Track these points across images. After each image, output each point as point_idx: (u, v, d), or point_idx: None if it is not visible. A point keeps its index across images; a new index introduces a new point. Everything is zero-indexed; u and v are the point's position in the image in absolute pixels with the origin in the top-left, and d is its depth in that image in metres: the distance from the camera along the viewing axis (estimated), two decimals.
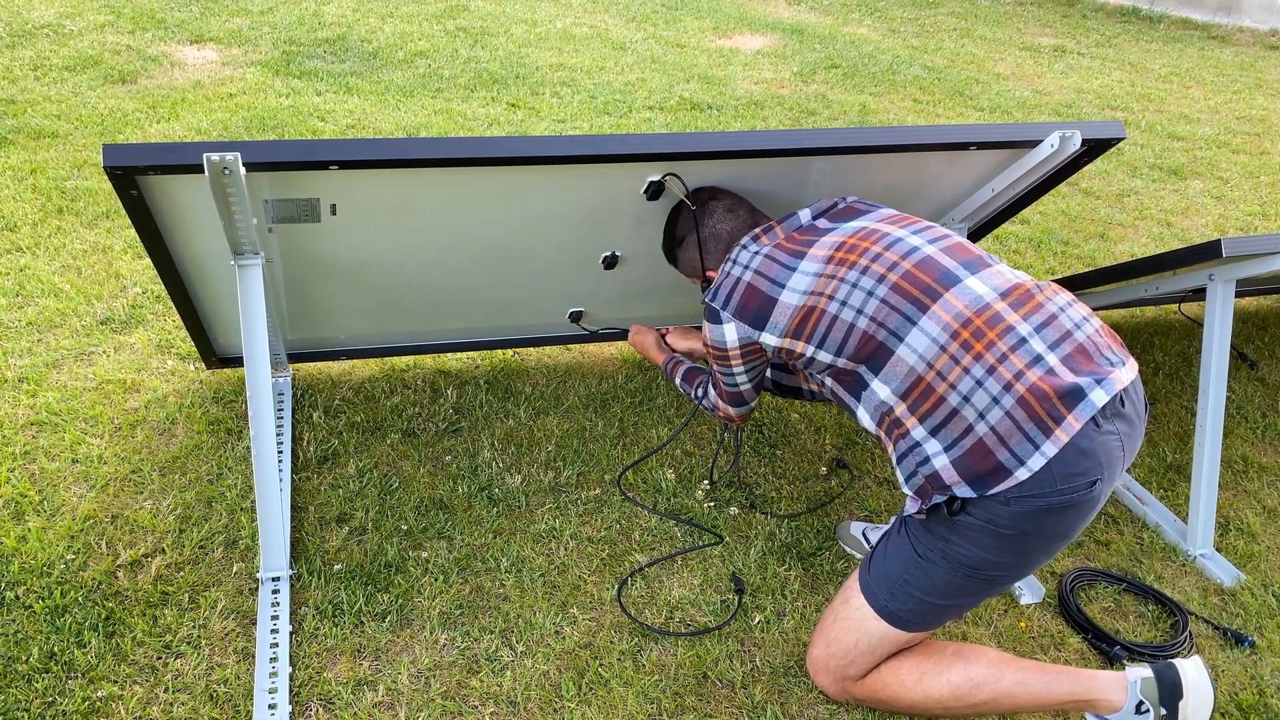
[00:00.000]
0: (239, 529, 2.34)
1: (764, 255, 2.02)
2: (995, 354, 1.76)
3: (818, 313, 1.92)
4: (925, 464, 1.81)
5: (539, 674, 2.06)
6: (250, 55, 5.62)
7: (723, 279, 2.07)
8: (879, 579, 1.92)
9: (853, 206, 2.09)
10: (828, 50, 6.96)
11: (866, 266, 1.89)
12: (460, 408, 2.84)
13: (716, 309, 2.06)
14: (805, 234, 2.04)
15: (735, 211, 2.21)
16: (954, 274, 1.85)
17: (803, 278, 1.95)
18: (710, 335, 2.11)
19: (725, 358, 2.11)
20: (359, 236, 2.25)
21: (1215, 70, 7.58)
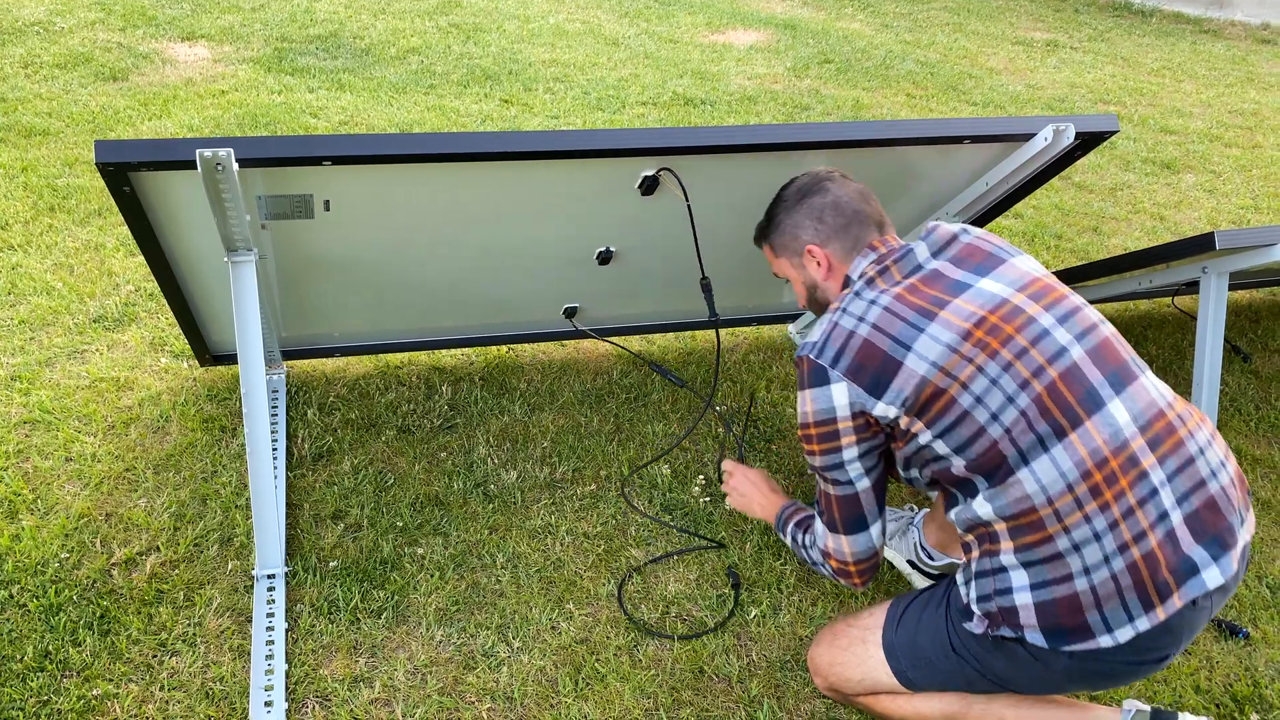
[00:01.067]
0: (234, 526, 2.34)
1: (883, 307, 1.73)
2: (1122, 506, 1.59)
3: (946, 398, 1.67)
4: (1005, 594, 1.66)
5: (535, 670, 2.06)
6: (242, 52, 5.61)
7: (829, 330, 1.76)
8: (906, 649, 1.85)
9: (977, 247, 1.80)
10: (821, 45, 6.95)
11: (1009, 363, 1.65)
12: (455, 404, 2.83)
13: (824, 366, 1.73)
14: (930, 284, 1.74)
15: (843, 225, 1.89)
16: (1099, 394, 1.64)
17: (933, 345, 1.67)
18: (813, 404, 1.76)
19: (833, 435, 1.75)
20: (353, 232, 2.24)
21: (1207, 64, 7.60)
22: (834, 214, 1.89)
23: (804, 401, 1.78)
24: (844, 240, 1.88)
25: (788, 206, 1.94)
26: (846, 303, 1.78)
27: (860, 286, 1.80)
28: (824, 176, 1.93)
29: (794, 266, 1.98)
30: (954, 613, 1.78)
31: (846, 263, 1.89)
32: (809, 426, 1.79)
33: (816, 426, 1.77)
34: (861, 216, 1.88)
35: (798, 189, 1.93)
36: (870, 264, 1.85)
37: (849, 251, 1.88)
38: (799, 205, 1.92)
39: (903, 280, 1.77)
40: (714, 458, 2.72)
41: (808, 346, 1.78)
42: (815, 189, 1.91)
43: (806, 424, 1.79)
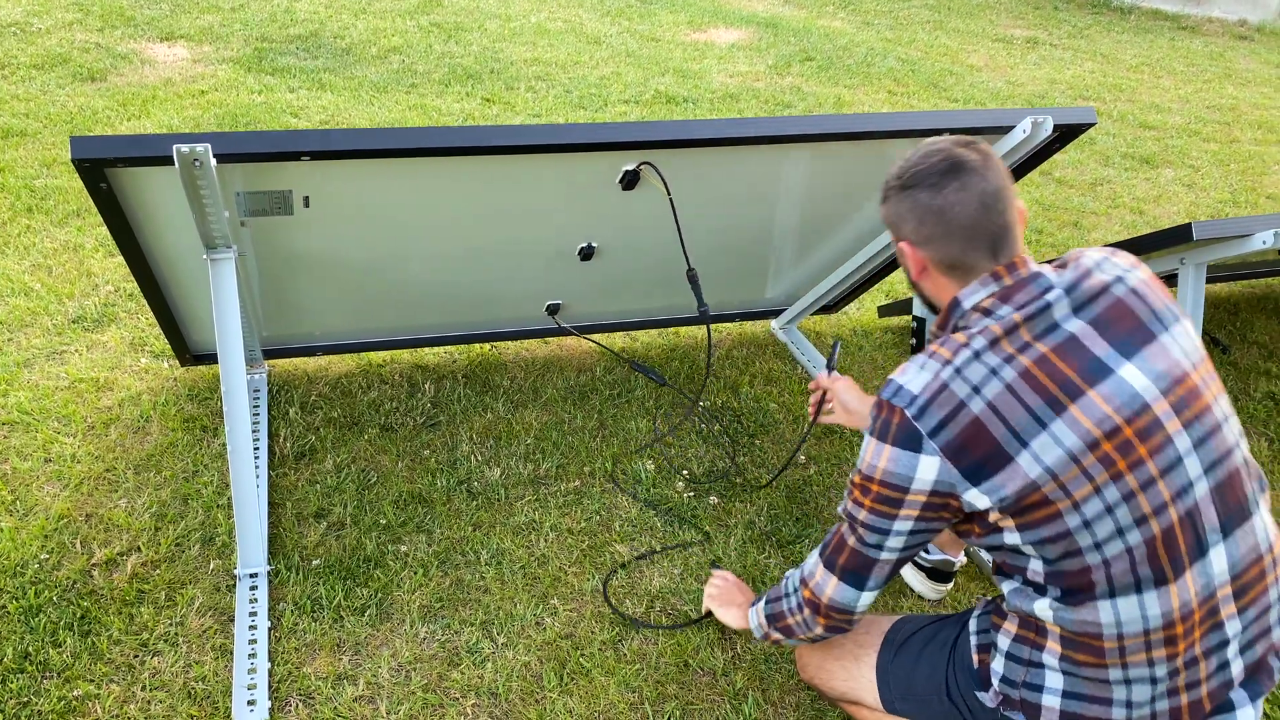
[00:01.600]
0: (215, 526, 2.32)
1: (1005, 384, 1.46)
2: (1188, 656, 1.50)
3: (1051, 510, 1.46)
4: (1035, 690, 1.57)
5: (520, 665, 2.06)
6: (222, 52, 5.58)
7: (936, 390, 1.48)
8: (900, 680, 1.78)
9: (1128, 308, 1.52)
10: (802, 43, 6.97)
11: (1132, 493, 1.45)
12: (438, 402, 2.83)
13: (919, 432, 1.48)
14: (1066, 357, 1.47)
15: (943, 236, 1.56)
16: (1207, 541, 1.49)
17: (1053, 447, 1.44)
18: (889, 464, 1.51)
19: (895, 503, 1.53)
20: (333, 229, 2.23)
21: (1185, 60, 7.65)
22: (937, 223, 1.55)
23: (877, 454, 1.53)
24: (944, 252, 1.57)
25: (897, 189, 1.60)
26: (962, 360, 1.49)
27: (981, 344, 1.49)
28: (950, 166, 1.54)
29: (895, 246, 1.68)
30: (960, 663, 1.72)
31: (950, 278, 1.59)
32: (872, 481, 1.55)
33: (881, 486, 1.54)
34: (974, 233, 1.54)
35: (914, 173, 1.58)
36: (990, 297, 1.54)
37: (951, 268, 1.58)
38: (906, 195, 1.58)
39: (1033, 343, 1.48)
40: (698, 455, 2.72)
41: (905, 395, 1.50)
42: (929, 181, 1.55)
43: (870, 477, 1.55)
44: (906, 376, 1.52)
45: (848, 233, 2.81)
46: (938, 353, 1.52)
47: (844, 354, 3.30)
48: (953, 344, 1.52)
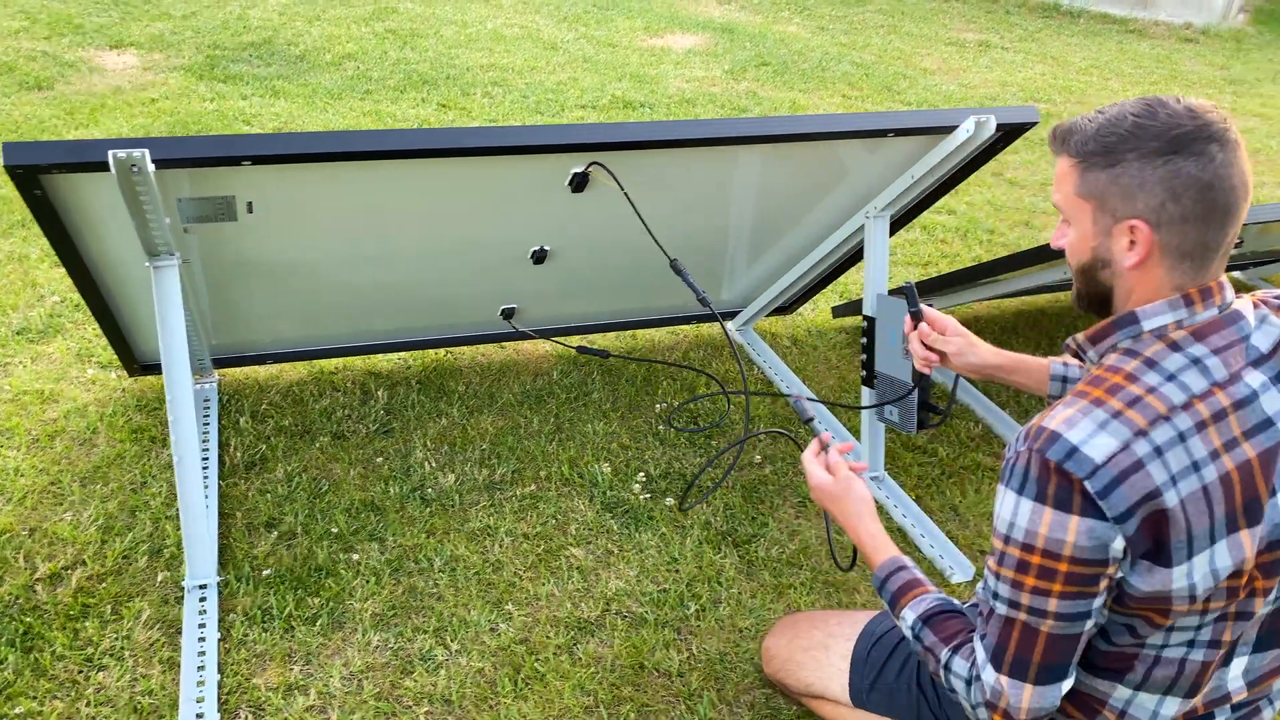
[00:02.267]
0: (164, 538, 2.29)
1: (1204, 483, 1.24)
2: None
3: (1155, 625, 1.33)
4: None
5: (474, 671, 2.04)
6: (173, 60, 5.51)
7: (1123, 462, 1.22)
8: (872, 672, 1.76)
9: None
10: (758, 48, 7.01)
11: (1224, 618, 1.34)
12: (391, 409, 2.80)
13: (1104, 513, 1.23)
14: (1266, 466, 1.28)
15: (1200, 218, 1.27)
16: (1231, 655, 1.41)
17: (1205, 567, 1.27)
18: (1077, 535, 1.24)
19: (1093, 578, 1.27)
20: (279, 235, 2.21)
21: (1133, 63, 7.79)
22: (1198, 199, 1.25)
23: (1055, 525, 1.25)
24: (1191, 237, 1.28)
25: (1148, 151, 1.26)
26: (1163, 439, 1.24)
27: (1186, 425, 1.25)
28: (1218, 131, 1.25)
29: (1094, 221, 1.34)
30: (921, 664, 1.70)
31: (1174, 273, 1.31)
32: (1058, 559, 1.26)
33: (1069, 563, 1.26)
34: (1229, 218, 1.28)
35: (1177, 134, 1.25)
36: (1178, 327, 1.31)
37: (1184, 257, 1.29)
38: (1162, 160, 1.25)
39: (1241, 443, 1.27)
40: (656, 455, 2.72)
41: (1084, 463, 1.23)
42: (1198, 147, 1.25)
43: (1056, 554, 1.26)
44: (1080, 434, 1.24)
45: (801, 234, 2.82)
46: (1125, 414, 1.25)
47: (799, 354, 3.32)
48: (1146, 408, 1.25)
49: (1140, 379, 1.28)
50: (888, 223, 2.62)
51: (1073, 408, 1.27)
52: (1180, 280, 1.31)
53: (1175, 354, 1.29)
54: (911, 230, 4.27)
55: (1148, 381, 1.27)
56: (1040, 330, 3.58)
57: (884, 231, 2.61)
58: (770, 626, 2.08)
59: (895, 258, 4.01)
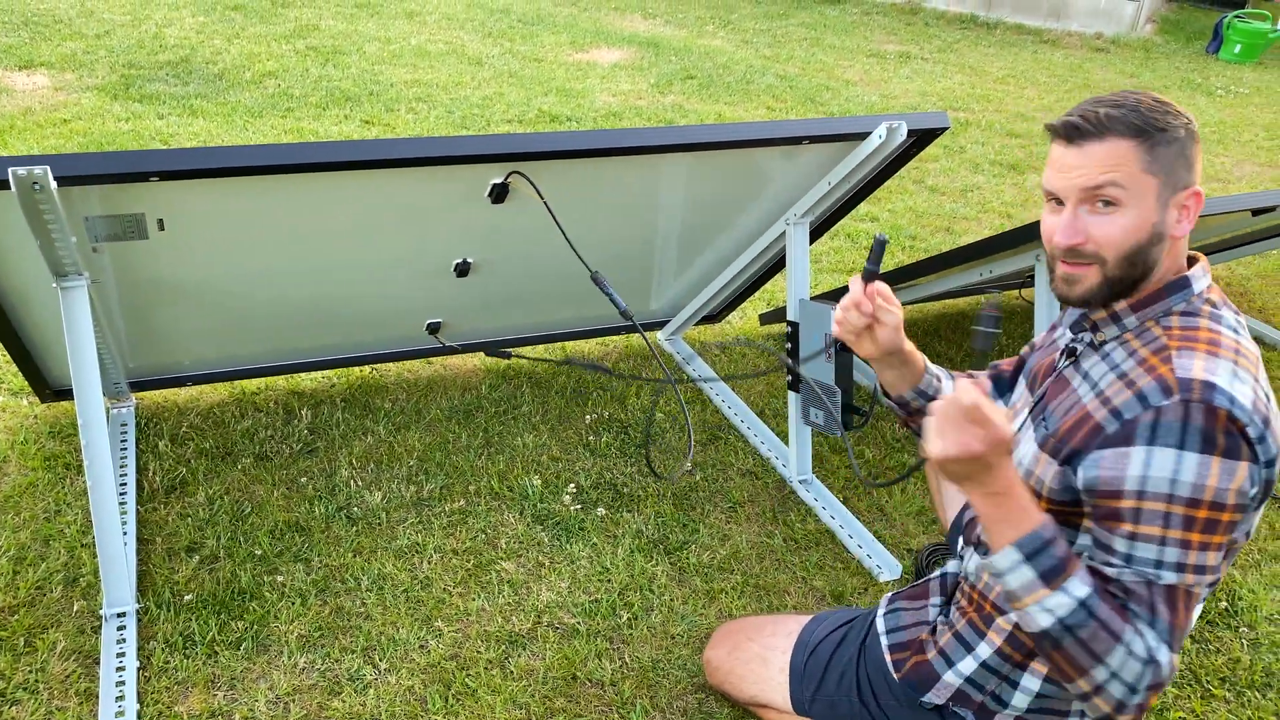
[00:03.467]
0: (80, 566, 2.22)
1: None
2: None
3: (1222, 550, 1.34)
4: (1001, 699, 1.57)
5: (404, 690, 2.01)
6: (86, 80, 5.39)
7: (1262, 409, 1.29)
8: (812, 684, 1.78)
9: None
10: (683, 62, 7.07)
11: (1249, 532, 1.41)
12: (315, 428, 2.76)
13: (1251, 439, 1.26)
14: None
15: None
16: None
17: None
18: (1243, 481, 1.26)
19: (1235, 526, 1.30)
20: (193, 253, 2.17)
21: (1048, 72, 8.01)
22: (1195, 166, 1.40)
23: (1224, 473, 1.25)
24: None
25: (1187, 131, 1.36)
26: (1265, 382, 1.33)
27: (1263, 376, 1.35)
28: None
29: (1156, 199, 1.36)
30: (870, 661, 1.72)
31: (1184, 241, 1.42)
32: (1221, 511, 1.27)
33: (1230, 512, 1.27)
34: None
35: (1189, 118, 1.39)
36: (1211, 290, 1.43)
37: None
38: (1190, 136, 1.37)
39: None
40: (586, 466, 2.72)
41: (1243, 410, 1.26)
42: (1194, 127, 1.40)
43: (1221, 504, 1.26)
44: (1224, 379, 1.28)
45: (726, 242, 2.85)
46: (1239, 364, 1.31)
47: (728, 362, 3.35)
48: (1249, 358, 1.34)
49: (1223, 333, 1.35)
50: (808, 229, 2.66)
51: (1196, 359, 1.30)
52: (1187, 249, 1.43)
53: (1221, 311, 1.40)
54: (835, 238, 4.34)
55: (1229, 335, 1.35)
56: (962, 332, 3.66)
57: (804, 238, 2.65)
58: (710, 638, 2.07)
59: (820, 265, 4.06)
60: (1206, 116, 7.07)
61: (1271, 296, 4.18)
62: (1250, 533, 1.35)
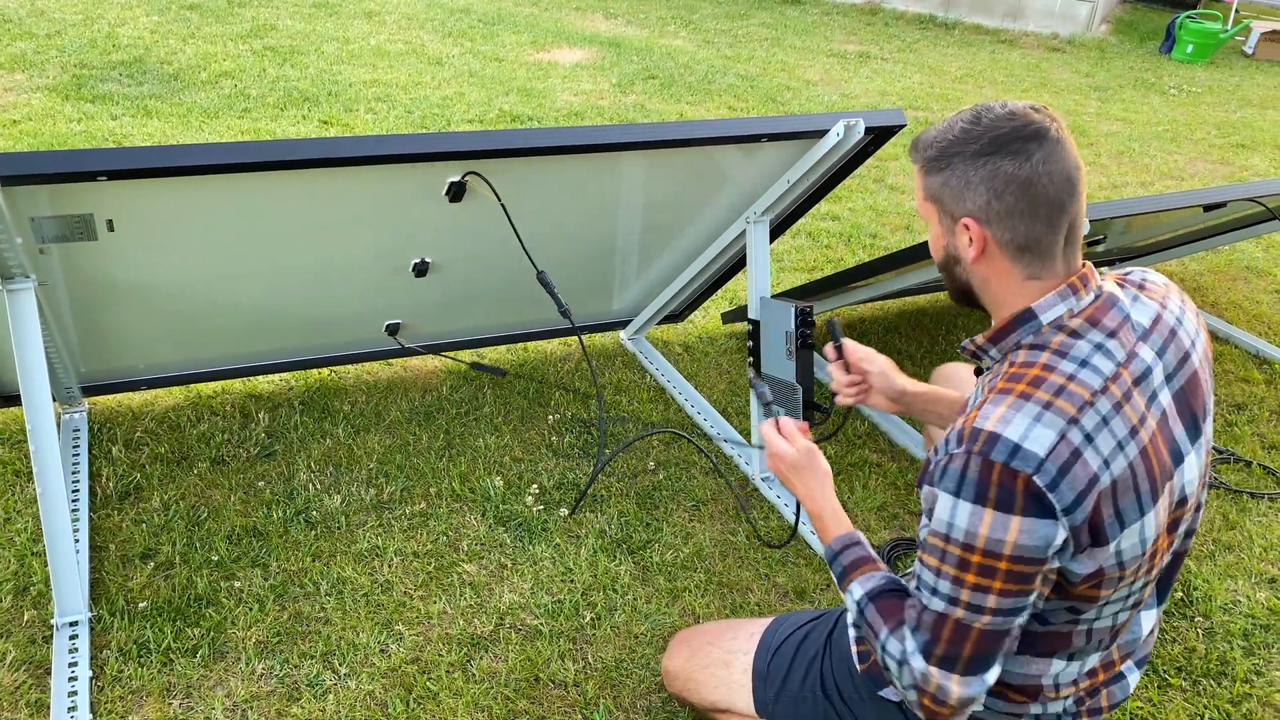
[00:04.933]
0: (30, 575, 2.18)
1: (1129, 460, 1.30)
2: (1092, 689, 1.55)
3: (1093, 597, 1.39)
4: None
5: (364, 694, 1.99)
6: (36, 80, 5.29)
7: (1064, 453, 1.27)
8: (775, 685, 1.76)
9: (1199, 383, 1.44)
10: (645, 62, 7.07)
11: (1145, 585, 1.45)
12: (273, 431, 2.72)
13: (1054, 507, 1.26)
14: (1163, 436, 1.36)
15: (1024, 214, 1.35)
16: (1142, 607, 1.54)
17: (1134, 537, 1.34)
18: (1019, 535, 1.27)
19: (1030, 576, 1.30)
20: (145, 254, 2.13)
21: (1005, 71, 8.10)
22: (1020, 195, 1.33)
23: (1001, 527, 1.27)
24: (1021, 231, 1.35)
25: (970, 154, 1.35)
26: (1092, 425, 1.28)
27: (1107, 408, 1.30)
28: (1035, 132, 1.33)
29: (940, 221, 1.44)
30: (835, 655, 1.71)
31: (1017, 264, 1.38)
32: (999, 559, 1.29)
33: (1013, 563, 1.28)
34: (1058, 212, 1.34)
35: (994, 135, 1.34)
36: (1072, 315, 1.37)
37: (1022, 250, 1.37)
38: (983, 161, 1.34)
39: (1147, 417, 1.34)
40: (549, 467, 2.71)
41: (1029, 459, 1.26)
42: (1015, 147, 1.33)
43: (996, 554, 1.28)
44: (1018, 430, 1.27)
45: (687, 241, 2.85)
46: (1055, 404, 1.29)
47: (690, 361, 3.34)
48: (1073, 396, 1.30)
49: (1057, 368, 1.32)
50: (768, 227, 2.67)
51: (1001, 405, 1.30)
52: (1026, 270, 1.38)
53: (1079, 341, 1.35)
54: (797, 236, 4.35)
55: (1065, 370, 1.32)
56: (921, 329, 3.68)
57: (764, 236, 2.65)
58: (667, 647, 2.00)
59: (782, 264, 4.08)
60: (1160, 115, 7.18)
61: (1224, 291, 4.25)
62: (1123, 563, 1.34)
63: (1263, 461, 3.02)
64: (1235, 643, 2.31)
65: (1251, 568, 2.56)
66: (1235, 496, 2.85)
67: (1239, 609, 2.42)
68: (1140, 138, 6.54)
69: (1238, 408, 3.33)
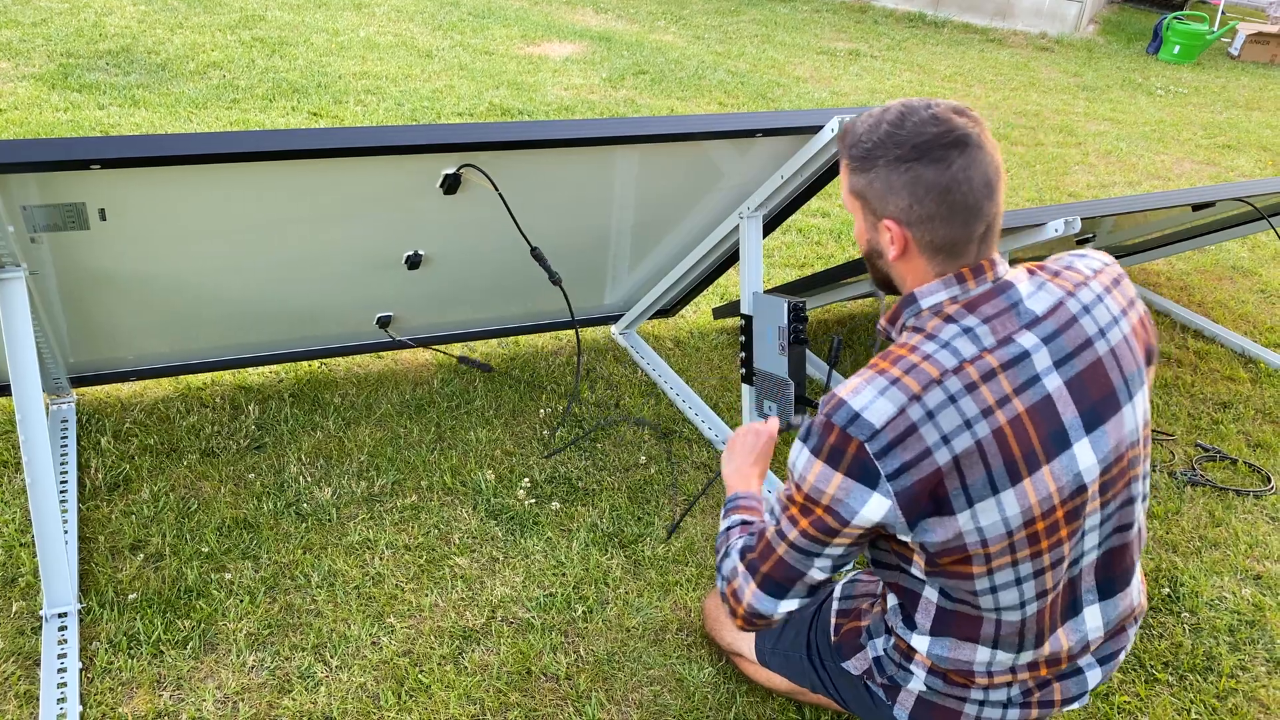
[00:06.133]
0: (19, 566, 2.16)
1: (976, 440, 1.36)
2: (1040, 682, 1.61)
3: (967, 570, 1.45)
4: (903, 679, 1.65)
5: (355, 687, 1.99)
6: (22, 69, 5.24)
7: (900, 425, 1.36)
8: (770, 639, 1.93)
9: (1104, 371, 1.45)
10: (635, 57, 7.07)
11: (1043, 570, 1.47)
12: (263, 423, 2.71)
13: (878, 472, 1.37)
14: (1037, 420, 1.39)
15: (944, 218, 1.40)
16: (1082, 602, 1.56)
17: (993, 513, 1.39)
18: (834, 491, 1.40)
19: (831, 532, 1.44)
20: (137, 244, 2.12)
21: (994, 70, 8.13)
22: (939, 201, 1.38)
23: (825, 478, 1.40)
24: (939, 233, 1.41)
25: (893, 159, 1.40)
26: (935, 402, 1.36)
27: (957, 387, 1.37)
28: (959, 139, 1.37)
29: (864, 219, 1.49)
30: (820, 627, 1.82)
31: (933, 262, 1.44)
32: (816, 505, 1.43)
33: (825, 513, 1.43)
34: (974, 215, 1.39)
35: (917, 142, 1.38)
36: (952, 302, 1.44)
37: (938, 250, 1.42)
38: (903, 166, 1.39)
39: (1012, 399, 1.38)
40: (540, 460, 2.71)
41: (864, 426, 1.37)
42: (936, 154, 1.37)
43: (816, 498, 1.43)
44: (863, 400, 1.38)
45: (679, 236, 2.85)
46: (902, 381, 1.38)
47: (682, 356, 3.35)
48: (920, 374, 1.38)
49: (918, 349, 1.41)
50: (761, 222, 2.67)
51: (860, 378, 1.42)
52: (940, 267, 1.44)
53: (949, 325, 1.42)
54: (788, 233, 4.36)
55: (924, 350, 1.40)
56: None
57: (757, 231, 2.66)
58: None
59: (773, 260, 4.08)
60: (1147, 115, 7.22)
61: (1210, 291, 4.29)
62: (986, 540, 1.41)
63: (1248, 459, 3.04)
64: (1221, 638, 2.34)
65: (1237, 564, 2.59)
66: (1221, 494, 2.87)
67: (1225, 605, 2.44)
68: (1127, 137, 6.58)
69: (1224, 406, 3.36)
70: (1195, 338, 3.83)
